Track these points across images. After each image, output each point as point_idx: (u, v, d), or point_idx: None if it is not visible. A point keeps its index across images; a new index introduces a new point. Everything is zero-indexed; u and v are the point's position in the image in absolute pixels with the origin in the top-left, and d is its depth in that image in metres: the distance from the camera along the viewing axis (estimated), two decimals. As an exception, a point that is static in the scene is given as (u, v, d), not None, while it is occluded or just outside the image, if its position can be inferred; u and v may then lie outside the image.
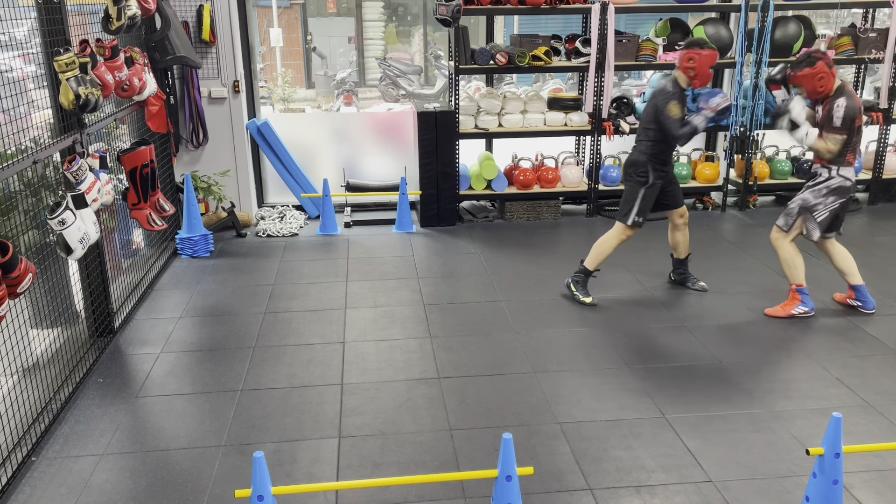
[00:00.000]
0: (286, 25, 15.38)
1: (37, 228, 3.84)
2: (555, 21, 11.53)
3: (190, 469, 3.12)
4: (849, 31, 6.65)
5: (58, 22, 3.82)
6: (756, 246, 5.80)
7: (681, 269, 4.96)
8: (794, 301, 4.48)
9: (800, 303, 4.48)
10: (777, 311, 4.51)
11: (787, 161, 6.87)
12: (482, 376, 3.86)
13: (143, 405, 3.65)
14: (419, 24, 15.68)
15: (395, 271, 5.41)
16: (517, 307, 4.72)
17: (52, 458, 3.21)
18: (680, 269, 4.97)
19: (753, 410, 3.51)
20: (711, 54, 4.44)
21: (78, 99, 3.68)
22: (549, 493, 2.94)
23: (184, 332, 4.45)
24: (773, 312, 4.51)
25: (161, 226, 4.82)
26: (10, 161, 3.24)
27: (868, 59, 6.58)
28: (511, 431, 2.77)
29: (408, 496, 2.92)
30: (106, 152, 4.21)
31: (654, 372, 3.88)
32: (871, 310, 4.51)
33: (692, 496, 2.92)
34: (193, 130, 6.19)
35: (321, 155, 6.96)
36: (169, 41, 5.44)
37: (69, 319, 4.19)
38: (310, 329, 4.45)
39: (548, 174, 6.56)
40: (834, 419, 2.61)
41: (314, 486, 2.95)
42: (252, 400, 3.66)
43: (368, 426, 3.42)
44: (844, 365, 3.93)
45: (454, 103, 6.33)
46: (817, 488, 2.68)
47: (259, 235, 6.27)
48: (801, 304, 4.47)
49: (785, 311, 4.49)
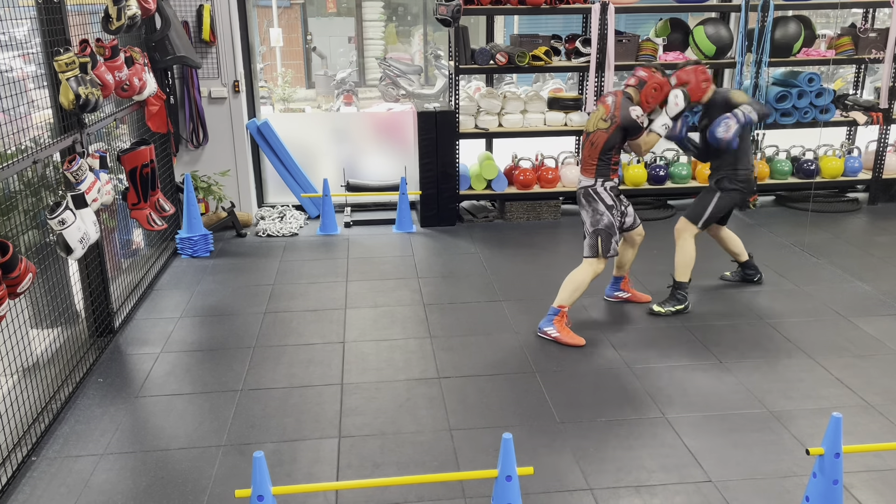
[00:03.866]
0: (286, 25, 15.38)
1: (37, 228, 3.84)
2: (555, 21, 11.54)
3: (190, 469, 3.12)
4: (849, 31, 6.65)
5: (58, 22, 3.82)
6: (756, 246, 5.80)
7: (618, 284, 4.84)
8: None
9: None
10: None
11: (787, 161, 6.86)
12: (482, 376, 3.86)
13: (143, 405, 3.65)
14: (419, 24, 15.69)
15: (395, 271, 5.41)
16: (517, 307, 4.72)
17: (52, 457, 3.21)
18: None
19: (753, 410, 3.51)
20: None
21: (78, 99, 3.68)
22: (549, 493, 2.94)
23: (184, 332, 4.45)
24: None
25: (161, 226, 4.82)
26: (10, 161, 3.24)
27: (868, 59, 6.58)
28: (511, 431, 2.77)
29: (408, 496, 2.92)
30: (106, 152, 4.21)
31: (654, 372, 3.88)
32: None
33: (692, 496, 2.92)
34: (193, 130, 6.19)
35: (321, 155, 6.96)
36: (169, 41, 5.44)
37: (69, 319, 4.19)
38: (310, 329, 4.46)
39: (548, 174, 6.56)
40: (834, 419, 2.61)
41: (314, 486, 2.95)
42: (252, 400, 3.66)
43: (368, 426, 3.42)
44: (844, 365, 3.93)
45: (454, 103, 6.33)
46: (817, 488, 2.68)
47: (259, 235, 6.27)
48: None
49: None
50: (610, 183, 4.24)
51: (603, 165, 4.21)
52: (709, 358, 4.03)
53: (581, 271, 4.26)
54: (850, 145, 7.02)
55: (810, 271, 5.26)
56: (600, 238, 4.21)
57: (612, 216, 4.23)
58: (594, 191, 4.24)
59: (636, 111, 4.13)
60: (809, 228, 6.16)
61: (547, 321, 4.27)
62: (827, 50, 6.69)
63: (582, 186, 4.29)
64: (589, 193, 4.26)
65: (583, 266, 4.27)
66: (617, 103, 4.16)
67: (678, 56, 6.46)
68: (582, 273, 4.25)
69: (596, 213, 4.24)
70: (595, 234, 4.23)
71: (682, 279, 4.58)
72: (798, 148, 6.98)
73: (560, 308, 4.24)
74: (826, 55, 6.61)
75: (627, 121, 4.11)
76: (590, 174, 4.25)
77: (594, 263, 4.25)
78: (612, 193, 4.25)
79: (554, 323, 4.24)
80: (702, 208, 4.61)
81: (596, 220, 4.24)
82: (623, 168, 6.75)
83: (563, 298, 4.25)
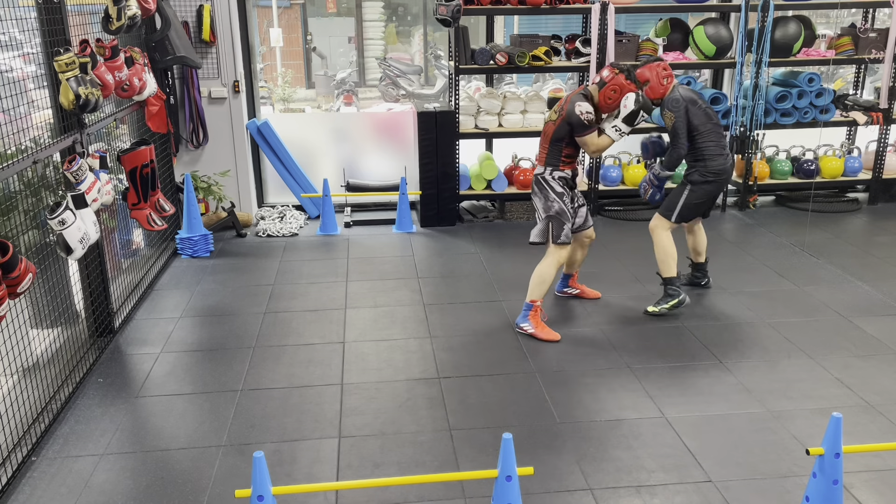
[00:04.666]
0: (286, 25, 15.38)
1: (37, 228, 3.84)
2: (555, 21, 11.53)
3: (190, 469, 3.12)
4: (849, 31, 6.65)
5: (58, 22, 3.82)
6: (756, 246, 5.80)
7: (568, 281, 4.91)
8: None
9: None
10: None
11: (787, 161, 6.87)
12: (482, 376, 3.86)
13: (143, 405, 3.65)
14: (419, 24, 15.68)
15: (395, 271, 5.41)
16: (517, 307, 4.71)
17: (52, 458, 3.21)
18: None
19: (753, 410, 3.51)
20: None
21: (78, 99, 3.68)
22: (549, 493, 2.94)
23: (184, 332, 4.45)
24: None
25: (161, 226, 4.82)
26: (10, 161, 3.24)
27: (868, 59, 6.58)
28: (511, 431, 2.77)
29: (408, 496, 2.92)
30: (106, 152, 4.21)
31: (654, 372, 3.88)
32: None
33: (692, 496, 2.92)
34: (193, 130, 6.19)
35: (321, 155, 6.96)
36: (169, 41, 5.44)
37: (69, 319, 4.19)
38: (310, 329, 4.46)
39: (548, 174, 6.56)
40: (834, 419, 2.61)
41: (314, 486, 2.95)
42: (252, 400, 3.66)
43: (368, 426, 3.42)
44: (844, 365, 3.93)
45: (454, 103, 6.33)
46: (817, 488, 2.68)
47: (259, 235, 6.27)
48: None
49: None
50: (559, 173, 4.35)
51: (552, 155, 4.33)
52: (709, 358, 4.03)
53: (544, 263, 4.33)
54: (850, 145, 7.03)
55: (810, 271, 5.25)
56: (552, 224, 4.30)
57: (564, 203, 4.31)
58: (543, 178, 4.36)
59: (581, 107, 4.18)
60: (809, 228, 6.16)
61: (522, 317, 4.34)
62: (827, 50, 6.69)
63: (535, 174, 4.44)
64: (539, 181, 4.39)
65: (545, 258, 4.34)
66: (569, 98, 4.27)
67: (678, 56, 6.46)
68: (545, 265, 4.33)
69: (547, 200, 4.33)
70: (547, 220, 4.32)
71: (669, 274, 4.56)
72: (798, 148, 6.98)
73: (532, 303, 4.32)
74: (826, 55, 6.61)
75: (571, 115, 4.21)
76: (541, 162, 4.39)
77: (554, 253, 4.32)
78: (560, 183, 4.34)
79: (529, 318, 4.31)
80: (673, 203, 4.58)
81: (547, 207, 4.33)
82: (623, 168, 6.75)
83: (531, 293, 4.32)
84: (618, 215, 6.67)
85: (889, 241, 5.91)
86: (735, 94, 6.53)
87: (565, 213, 4.30)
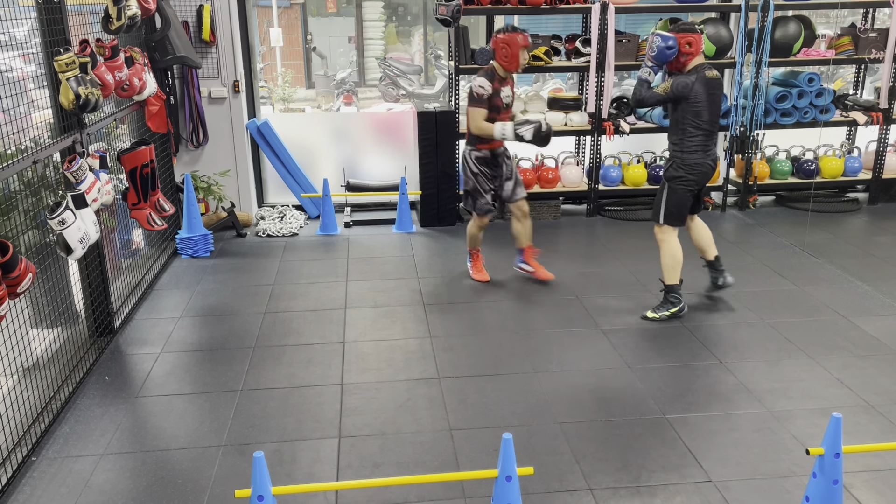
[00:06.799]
0: (286, 25, 15.37)
1: (37, 228, 3.84)
2: (555, 21, 11.50)
3: (190, 469, 3.12)
4: (849, 31, 6.65)
5: (58, 22, 3.82)
6: (756, 246, 5.80)
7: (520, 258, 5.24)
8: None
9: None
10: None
11: (787, 161, 6.87)
12: (482, 376, 3.86)
13: (143, 405, 3.65)
14: (419, 24, 15.67)
15: (395, 271, 5.41)
16: (517, 307, 4.72)
17: (52, 458, 3.21)
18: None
19: (753, 410, 3.51)
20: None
21: (78, 99, 3.68)
22: (549, 493, 2.94)
23: (184, 332, 4.45)
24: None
25: (161, 226, 4.82)
26: (10, 161, 3.24)
27: (868, 59, 6.58)
28: (511, 431, 2.77)
29: (408, 496, 2.92)
30: (106, 152, 4.21)
31: (654, 372, 3.88)
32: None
33: (692, 496, 2.92)
34: (193, 130, 6.19)
35: (321, 155, 6.96)
36: (169, 41, 5.44)
37: (69, 319, 4.19)
38: (310, 329, 4.46)
39: (548, 174, 6.56)
40: (834, 419, 2.61)
41: (314, 486, 2.95)
42: (252, 400, 3.66)
43: (368, 426, 3.42)
44: (844, 365, 3.93)
45: (454, 103, 6.33)
46: (817, 488, 2.68)
47: (259, 235, 6.27)
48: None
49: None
50: (476, 153, 4.84)
51: (470, 135, 4.81)
52: (709, 358, 4.03)
53: (469, 224, 5.11)
54: (850, 145, 7.03)
55: (810, 271, 5.26)
56: (470, 197, 4.97)
57: (478, 182, 4.88)
58: (464, 157, 4.93)
59: (476, 82, 4.64)
60: (809, 228, 6.16)
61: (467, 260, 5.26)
62: (827, 50, 6.69)
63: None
64: (463, 157, 4.95)
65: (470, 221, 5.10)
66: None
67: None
68: (468, 225, 5.12)
69: (466, 177, 4.95)
70: (466, 194, 5.01)
71: (672, 282, 4.51)
72: (798, 148, 6.98)
73: (469, 251, 5.22)
74: (826, 55, 6.61)
75: (469, 91, 4.67)
76: (467, 141, 4.90)
77: (475, 218, 5.02)
78: (477, 163, 4.85)
79: (469, 262, 5.24)
80: (657, 205, 4.53)
81: (466, 182, 4.95)
82: (623, 168, 6.75)
83: (468, 244, 5.21)
84: (618, 215, 6.67)
85: (889, 241, 5.91)
86: (735, 94, 6.52)
87: (478, 190, 4.89)
